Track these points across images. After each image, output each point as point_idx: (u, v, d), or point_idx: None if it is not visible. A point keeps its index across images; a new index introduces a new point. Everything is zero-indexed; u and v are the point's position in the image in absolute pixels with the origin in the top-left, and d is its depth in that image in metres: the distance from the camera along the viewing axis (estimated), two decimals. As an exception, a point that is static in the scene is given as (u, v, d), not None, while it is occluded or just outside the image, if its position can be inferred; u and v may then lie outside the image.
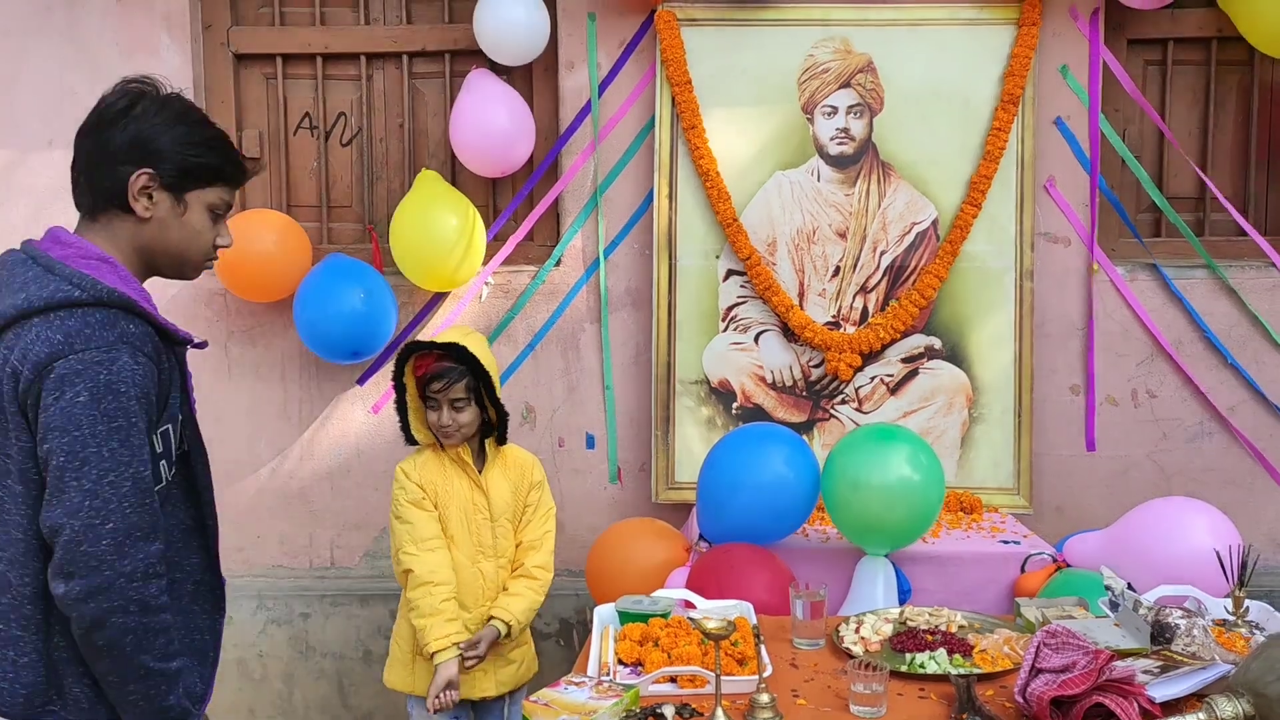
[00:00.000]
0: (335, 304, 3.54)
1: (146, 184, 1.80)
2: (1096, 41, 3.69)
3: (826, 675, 2.25)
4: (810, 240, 3.71)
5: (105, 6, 3.82)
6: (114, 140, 1.80)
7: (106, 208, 1.82)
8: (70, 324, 1.69)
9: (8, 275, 1.77)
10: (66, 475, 1.67)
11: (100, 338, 1.69)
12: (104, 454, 1.68)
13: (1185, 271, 3.76)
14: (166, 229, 1.84)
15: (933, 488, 2.96)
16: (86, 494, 1.67)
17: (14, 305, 1.71)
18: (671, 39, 3.66)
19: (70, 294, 1.71)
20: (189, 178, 1.83)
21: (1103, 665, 1.89)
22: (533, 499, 2.94)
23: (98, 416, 1.68)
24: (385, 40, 3.89)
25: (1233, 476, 3.80)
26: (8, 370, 1.70)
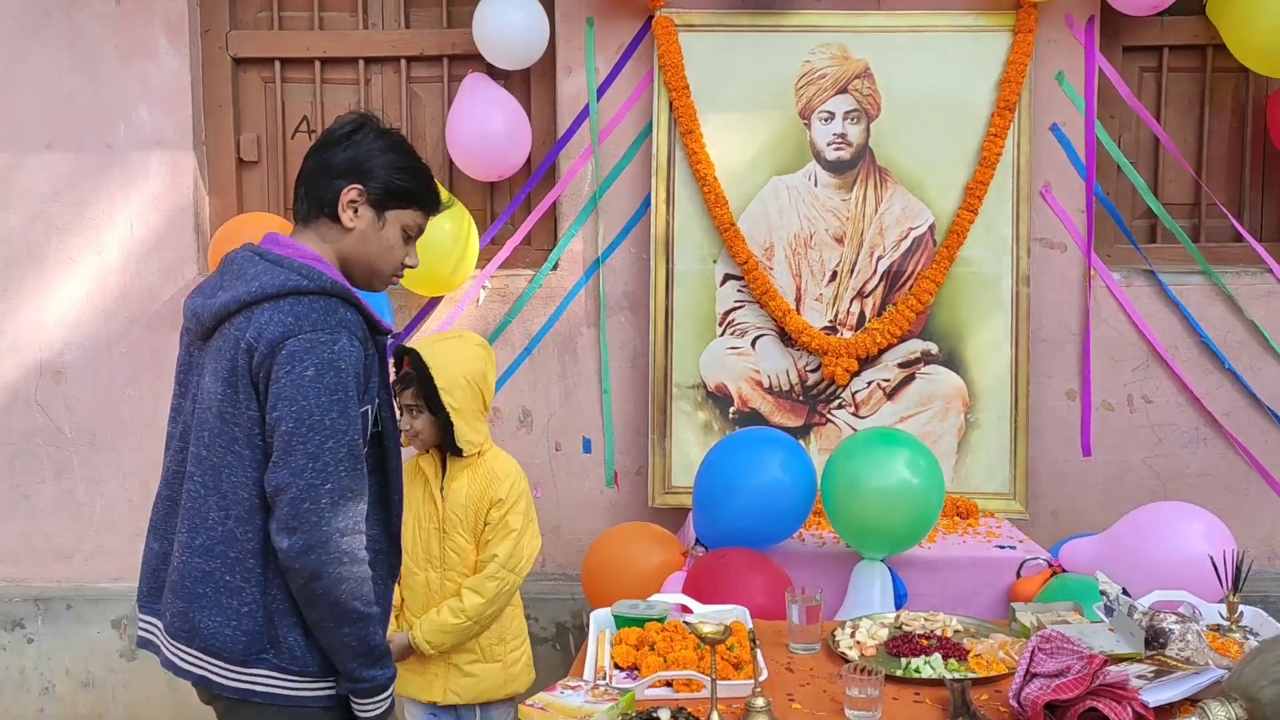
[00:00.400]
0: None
1: (355, 198, 2.02)
2: (1092, 49, 3.70)
3: (822, 680, 2.26)
4: (807, 245, 3.72)
5: (104, 10, 3.83)
6: (334, 159, 2.03)
7: (319, 216, 2.05)
8: (298, 308, 1.92)
9: (238, 268, 2.00)
10: (294, 440, 1.88)
11: (324, 321, 1.92)
12: (325, 422, 1.88)
13: (1180, 277, 3.78)
14: (366, 240, 2.05)
15: (933, 491, 2.97)
16: (310, 457, 1.87)
17: (247, 292, 1.93)
18: (669, 44, 3.67)
19: (299, 283, 1.93)
20: (392, 198, 2.05)
21: (1096, 670, 1.90)
22: (493, 517, 2.79)
23: (321, 389, 1.89)
24: (384, 45, 3.91)
25: (1227, 482, 3.81)
26: (242, 346, 1.91)
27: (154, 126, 3.85)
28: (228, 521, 1.93)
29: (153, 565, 2.07)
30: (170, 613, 1.98)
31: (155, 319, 3.90)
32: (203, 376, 1.98)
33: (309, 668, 1.97)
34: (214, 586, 1.93)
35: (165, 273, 3.89)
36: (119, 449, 3.95)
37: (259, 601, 1.94)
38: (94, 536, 3.97)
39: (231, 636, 1.93)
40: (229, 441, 1.93)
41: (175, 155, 3.86)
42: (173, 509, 2.03)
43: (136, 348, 3.91)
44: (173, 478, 2.05)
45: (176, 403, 2.07)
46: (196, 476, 1.95)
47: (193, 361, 2.04)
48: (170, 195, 3.87)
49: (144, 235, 3.89)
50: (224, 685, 1.94)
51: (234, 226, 3.70)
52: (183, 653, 1.97)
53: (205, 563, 1.94)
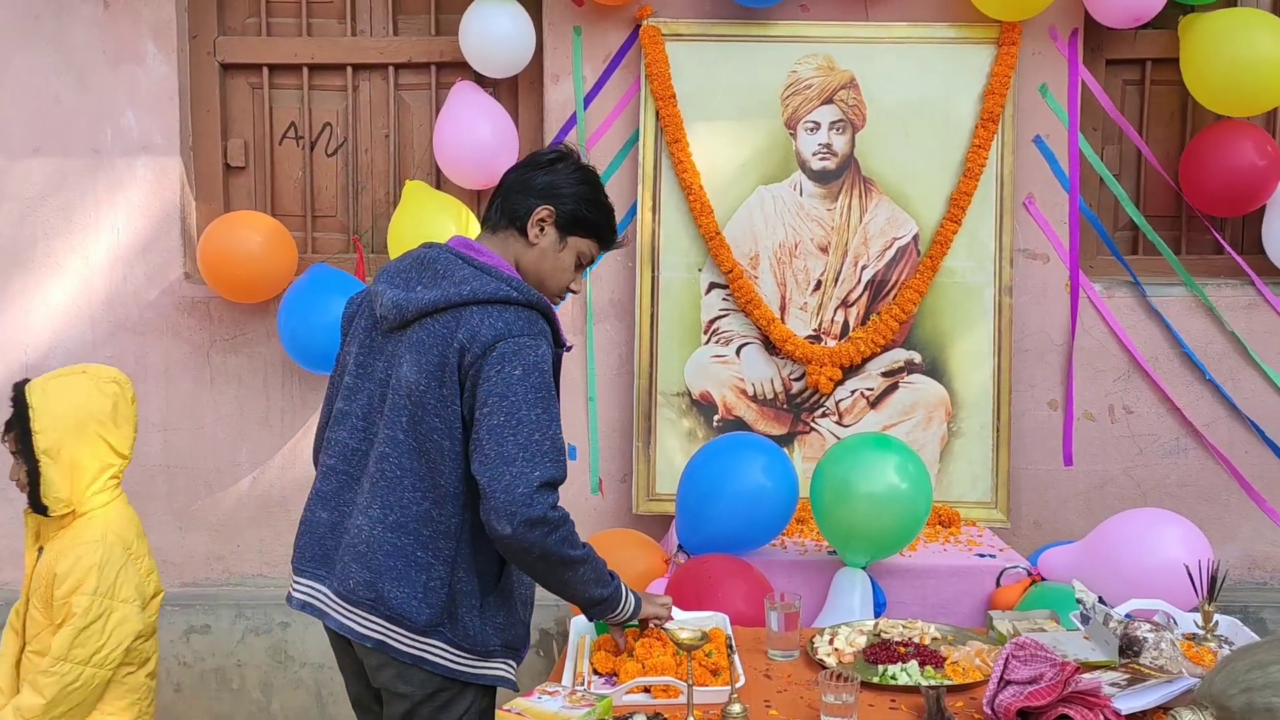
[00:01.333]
0: (320, 314, 3.54)
1: (545, 217, 2.22)
2: (1075, 62, 3.73)
3: (800, 686, 2.27)
4: (792, 254, 3.74)
5: (92, 15, 3.83)
6: (535, 180, 2.23)
7: (508, 227, 2.24)
8: (507, 315, 2.11)
9: (442, 268, 2.17)
10: (505, 433, 2.05)
11: (530, 329, 2.12)
12: (532, 417, 2.07)
13: (1162, 289, 3.80)
14: (544, 257, 2.25)
15: (921, 496, 3.00)
16: (520, 447, 2.05)
17: (459, 294, 2.12)
18: (656, 53, 3.70)
19: (510, 294, 2.13)
20: (576, 224, 2.25)
21: (1068, 677, 1.91)
22: (57, 596, 2.54)
23: (528, 388, 2.07)
24: (372, 51, 3.92)
25: (1208, 492, 3.83)
26: (454, 345, 2.09)
27: (141, 132, 3.86)
28: (424, 503, 2.12)
29: (319, 534, 2.23)
30: (354, 580, 2.14)
31: (141, 324, 3.91)
32: (399, 365, 2.15)
33: (477, 646, 2.18)
34: (405, 560, 2.12)
35: (151, 277, 3.90)
36: (104, 453, 3.94)
37: (445, 580, 2.14)
38: (78, 541, 3.96)
39: (416, 608, 2.12)
40: (429, 430, 2.11)
41: (162, 160, 3.86)
42: (348, 483, 2.21)
43: (122, 352, 3.91)
44: (352, 454, 2.21)
45: (354, 382, 2.22)
46: (392, 458, 2.13)
47: (376, 347, 2.21)
48: (157, 200, 3.88)
49: (130, 240, 3.89)
50: (400, 650, 2.13)
51: (222, 223, 3.72)
52: (363, 619, 2.14)
53: (399, 538, 2.12)
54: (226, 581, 3.96)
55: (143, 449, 3.92)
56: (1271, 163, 3.59)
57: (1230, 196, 3.64)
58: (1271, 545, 3.85)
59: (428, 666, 2.15)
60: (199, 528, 3.96)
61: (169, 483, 3.94)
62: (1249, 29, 3.52)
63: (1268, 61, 3.46)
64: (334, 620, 2.19)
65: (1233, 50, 3.49)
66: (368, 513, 2.15)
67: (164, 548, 3.96)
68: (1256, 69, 3.47)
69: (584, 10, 3.77)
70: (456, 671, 2.17)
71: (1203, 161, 3.64)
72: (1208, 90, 3.60)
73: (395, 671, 2.16)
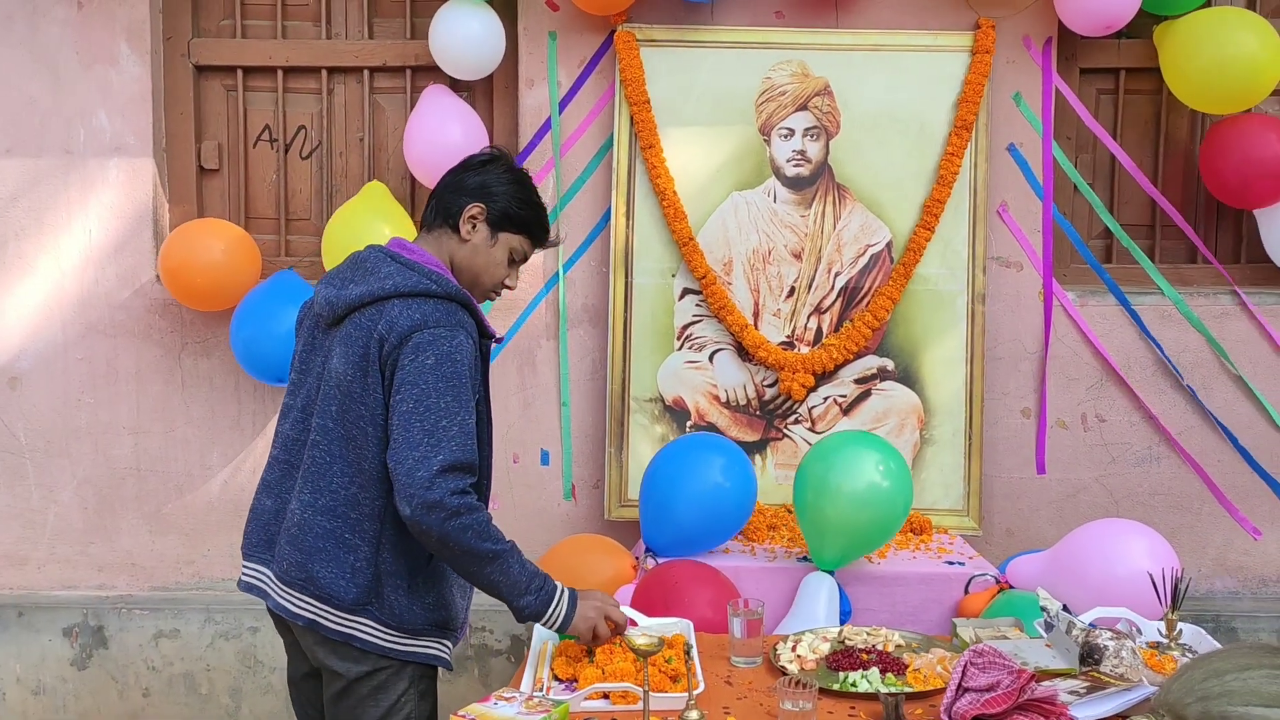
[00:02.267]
0: (274, 324, 3.52)
1: (476, 214, 2.33)
2: (1049, 70, 3.74)
3: (760, 693, 2.26)
4: (766, 260, 3.74)
5: (66, 16, 3.82)
6: (467, 180, 2.36)
7: (442, 225, 2.36)
8: (425, 307, 2.20)
9: (370, 266, 2.28)
10: (412, 419, 2.14)
11: (447, 320, 2.21)
12: (440, 405, 2.15)
13: (1136, 298, 3.81)
14: (477, 253, 2.35)
15: (901, 495, 3.02)
16: (426, 433, 2.13)
17: (381, 288, 2.23)
18: (630, 59, 3.69)
19: (429, 287, 2.23)
20: (507, 221, 2.35)
21: (1024, 684, 1.91)
22: None
23: (439, 376, 2.16)
24: (346, 54, 3.91)
25: (1181, 501, 3.83)
26: (375, 336, 2.20)
27: (114, 133, 3.84)
28: (351, 487, 2.22)
29: (264, 520, 2.34)
30: (287, 562, 2.25)
31: (113, 326, 3.89)
32: (330, 358, 2.26)
33: (405, 624, 2.25)
34: (334, 542, 2.22)
35: (123, 279, 3.88)
36: (74, 456, 3.93)
37: (371, 560, 2.23)
38: (47, 544, 3.94)
39: (344, 587, 2.21)
40: (355, 417, 2.22)
41: (135, 162, 3.84)
42: (289, 471, 2.32)
43: (93, 354, 3.89)
44: (291, 444, 2.32)
45: (297, 378, 2.35)
46: (322, 445, 2.24)
47: (316, 343, 2.33)
48: (129, 202, 3.86)
49: (102, 242, 3.87)
50: (330, 628, 2.23)
51: (186, 230, 3.70)
52: (296, 598, 2.24)
53: (327, 521, 2.22)
54: (196, 585, 3.94)
55: (113, 452, 3.91)
56: None
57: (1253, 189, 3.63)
58: (1244, 554, 3.86)
59: (356, 644, 2.24)
60: (169, 531, 3.93)
61: (139, 486, 3.92)
62: (1228, 28, 3.53)
63: (1249, 58, 3.48)
64: (273, 601, 2.30)
65: (1214, 49, 3.50)
66: (299, 497, 2.26)
67: (134, 551, 3.94)
68: (1238, 66, 3.48)
69: (559, 16, 3.77)
70: (386, 649, 2.26)
71: (1223, 152, 3.63)
72: (1191, 90, 3.60)
73: (328, 649, 2.26)
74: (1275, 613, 3.83)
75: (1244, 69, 3.49)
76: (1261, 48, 3.48)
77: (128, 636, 3.89)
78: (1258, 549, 3.85)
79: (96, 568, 3.94)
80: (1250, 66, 3.49)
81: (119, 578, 3.95)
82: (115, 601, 3.92)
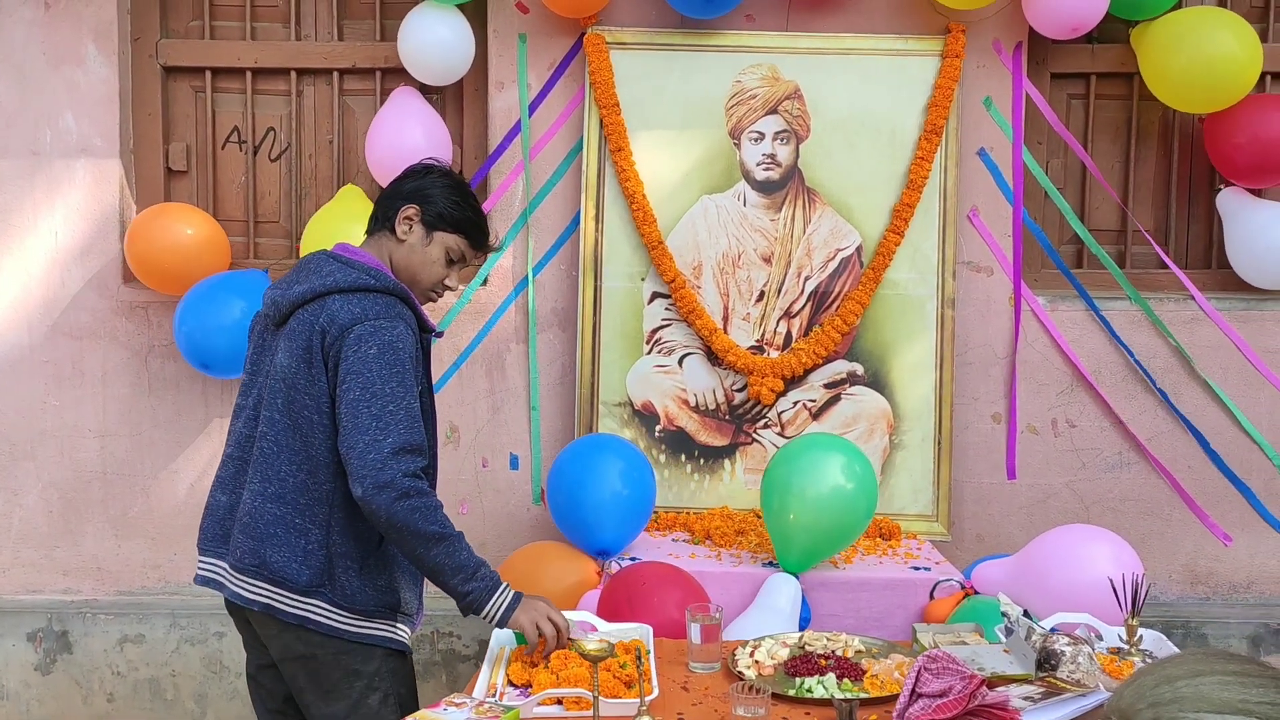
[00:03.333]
0: (216, 317, 3.51)
1: (411, 215, 2.45)
2: (1019, 75, 3.74)
3: (715, 699, 2.24)
4: (735, 264, 3.73)
5: (33, 16, 3.79)
6: (405, 186, 2.49)
7: (382, 229, 2.48)
8: (365, 302, 2.32)
9: (314, 266, 2.39)
10: (360, 406, 2.25)
11: (386, 312, 2.32)
12: (386, 390, 2.26)
13: (1106, 303, 3.80)
14: (413, 251, 2.46)
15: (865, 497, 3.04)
16: (374, 418, 2.24)
17: (322, 285, 2.34)
18: (600, 62, 3.68)
19: (367, 281, 2.35)
20: (442, 220, 2.46)
21: (974, 690, 1.89)
22: None
23: (382, 364, 2.27)
24: (316, 56, 3.89)
25: (1151, 507, 3.83)
26: (317, 329, 2.30)
27: (80, 134, 3.81)
28: (299, 474, 2.32)
29: (219, 515, 2.42)
30: (241, 550, 2.33)
31: (79, 328, 3.85)
32: (276, 354, 2.36)
33: (357, 606, 2.34)
34: (284, 528, 2.31)
35: (90, 281, 3.85)
36: (39, 459, 3.89)
37: (322, 543, 2.32)
38: (11, 548, 3.90)
39: (296, 570, 2.30)
40: (300, 408, 2.31)
41: (102, 163, 3.82)
42: (242, 468, 2.40)
43: (59, 357, 3.86)
44: (244, 441, 2.41)
45: (249, 379, 2.44)
46: (270, 436, 2.34)
47: (265, 344, 2.42)
48: (96, 204, 3.83)
49: (69, 243, 3.84)
50: (285, 611, 2.31)
51: (153, 213, 3.69)
52: (250, 584, 2.33)
53: (277, 508, 2.32)
54: (162, 590, 3.90)
55: (79, 455, 3.87)
56: None
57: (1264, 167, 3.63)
58: (1213, 560, 3.85)
59: (311, 626, 2.32)
60: (135, 535, 3.90)
61: (105, 489, 3.89)
62: (1206, 27, 3.54)
63: (1229, 57, 3.49)
64: (229, 591, 2.37)
65: (1194, 49, 3.51)
66: (250, 487, 2.36)
67: (100, 555, 3.91)
68: (1218, 64, 3.50)
69: (529, 18, 3.76)
70: (341, 631, 2.34)
71: (1234, 132, 3.63)
72: (1172, 90, 3.61)
73: (287, 635, 2.34)
74: (1246, 619, 3.83)
75: (1224, 68, 3.50)
76: (1240, 46, 3.50)
77: (92, 641, 3.86)
78: (1228, 555, 3.85)
79: (61, 572, 3.91)
80: (1230, 65, 3.50)
81: (84, 582, 3.91)
82: (80, 606, 3.88)
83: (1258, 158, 3.62)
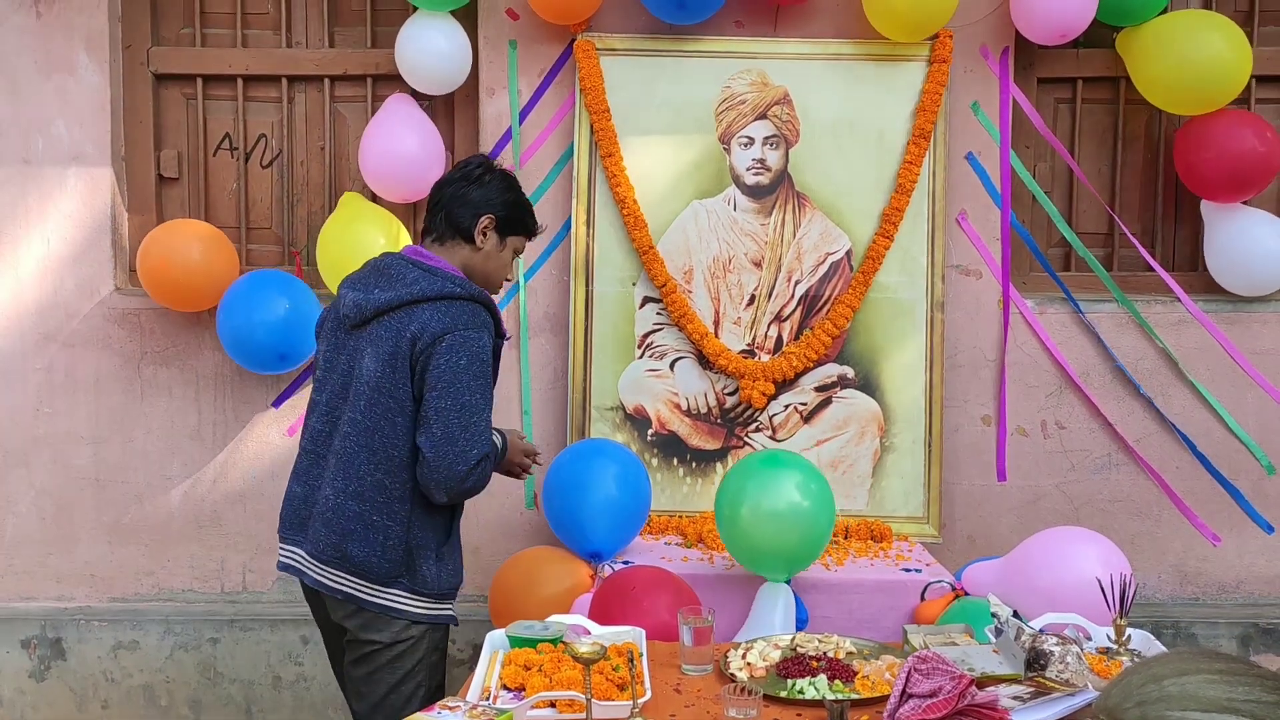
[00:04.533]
0: (260, 311, 3.55)
1: (487, 224, 2.63)
2: (1007, 79, 3.77)
3: (707, 701, 2.26)
4: (726, 269, 3.75)
5: (24, 24, 3.80)
6: (471, 194, 2.63)
7: (455, 236, 2.64)
8: (454, 310, 2.50)
9: (395, 273, 2.56)
10: (451, 416, 2.45)
11: (473, 322, 2.50)
12: (474, 402, 2.48)
13: (1094, 305, 3.83)
14: (489, 257, 2.66)
15: (822, 514, 3.00)
16: (463, 429, 2.45)
17: (409, 293, 2.51)
18: (590, 68, 3.70)
19: (455, 290, 2.52)
20: (510, 226, 2.68)
21: (963, 689, 1.91)
22: None
23: (471, 375, 2.47)
24: (307, 63, 3.90)
25: (1140, 508, 3.85)
26: (406, 336, 2.48)
27: (72, 142, 3.82)
28: (377, 473, 2.50)
29: (295, 504, 2.62)
30: (322, 542, 2.53)
31: (71, 336, 3.86)
32: (360, 358, 2.53)
33: (434, 591, 2.58)
34: (363, 524, 2.50)
35: (82, 289, 3.86)
36: (32, 466, 3.90)
37: (402, 538, 2.52)
38: (4, 555, 3.91)
39: (377, 563, 2.51)
40: (384, 410, 2.49)
41: (93, 171, 3.83)
42: (315, 460, 2.59)
43: (52, 364, 3.87)
44: (317, 436, 2.60)
45: (322, 376, 2.62)
46: (352, 437, 2.51)
47: (340, 344, 2.59)
48: (88, 211, 3.84)
49: (61, 251, 3.85)
50: (367, 600, 2.53)
51: (161, 231, 3.69)
52: (333, 575, 2.53)
53: (357, 505, 2.50)
54: (156, 597, 3.91)
55: (72, 461, 3.88)
56: (1271, 150, 3.60)
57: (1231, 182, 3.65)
58: (1202, 560, 3.88)
59: (392, 614, 2.54)
60: (129, 542, 3.91)
61: (98, 496, 3.89)
62: (1194, 30, 3.57)
63: (1218, 59, 3.52)
64: (310, 578, 2.57)
65: (1183, 52, 3.54)
66: (333, 485, 2.53)
67: (93, 562, 3.92)
68: (1208, 66, 3.53)
69: (520, 25, 3.77)
70: (417, 615, 2.57)
71: (1201, 146, 3.65)
72: (1164, 93, 3.64)
73: (364, 620, 2.54)
74: (1234, 619, 3.85)
75: (1214, 70, 3.53)
76: (1229, 47, 3.53)
77: (86, 648, 3.86)
78: (1217, 555, 3.88)
79: (55, 579, 3.91)
80: (1220, 67, 3.53)
81: (78, 589, 3.92)
82: (74, 613, 3.89)
83: (1225, 173, 3.64)
